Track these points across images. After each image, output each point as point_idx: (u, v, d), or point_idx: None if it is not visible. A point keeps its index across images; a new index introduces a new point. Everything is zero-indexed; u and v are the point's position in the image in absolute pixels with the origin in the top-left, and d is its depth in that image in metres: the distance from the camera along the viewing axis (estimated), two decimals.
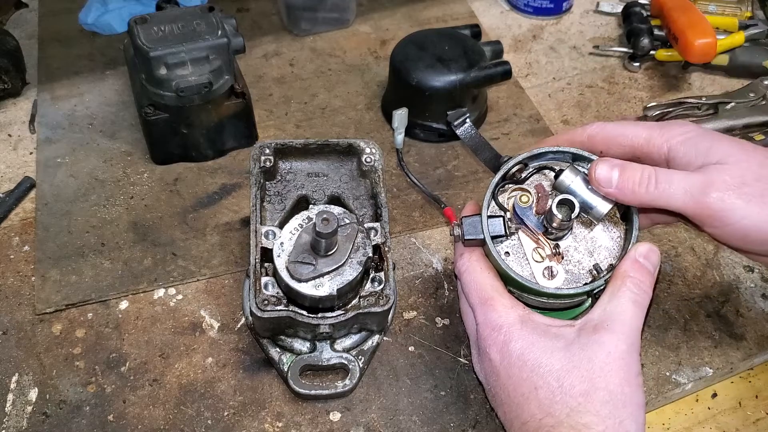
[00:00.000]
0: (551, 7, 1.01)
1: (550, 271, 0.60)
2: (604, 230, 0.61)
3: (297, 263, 0.59)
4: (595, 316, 0.55)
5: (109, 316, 0.68)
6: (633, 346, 0.53)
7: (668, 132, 0.58)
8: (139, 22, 0.74)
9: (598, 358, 0.52)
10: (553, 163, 0.62)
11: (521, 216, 0.61)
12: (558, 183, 0.59)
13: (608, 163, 0.56)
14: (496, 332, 0.55)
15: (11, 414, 0.61)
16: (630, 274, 0.55)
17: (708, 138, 0.56)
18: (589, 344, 0.53)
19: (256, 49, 0.95)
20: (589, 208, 0.58)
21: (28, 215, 0.76)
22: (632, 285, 0.55)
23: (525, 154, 0.61)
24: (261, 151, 0.67)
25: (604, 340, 0.52)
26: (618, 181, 0.56)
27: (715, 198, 0.53)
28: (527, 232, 0.61)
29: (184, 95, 0.73)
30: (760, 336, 0.68)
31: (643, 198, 0.55)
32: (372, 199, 0.68)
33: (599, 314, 0.54)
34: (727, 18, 0.95)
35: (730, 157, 0.55)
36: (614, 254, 0.61)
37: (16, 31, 0.93)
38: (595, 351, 0.52)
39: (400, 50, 0.83)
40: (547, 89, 0.93)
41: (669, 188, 0.54)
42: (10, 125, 0.85)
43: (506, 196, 0.62)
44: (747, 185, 0.53)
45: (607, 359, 0.52)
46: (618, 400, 0.51)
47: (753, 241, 0.55)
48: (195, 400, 0.63)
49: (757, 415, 0.66)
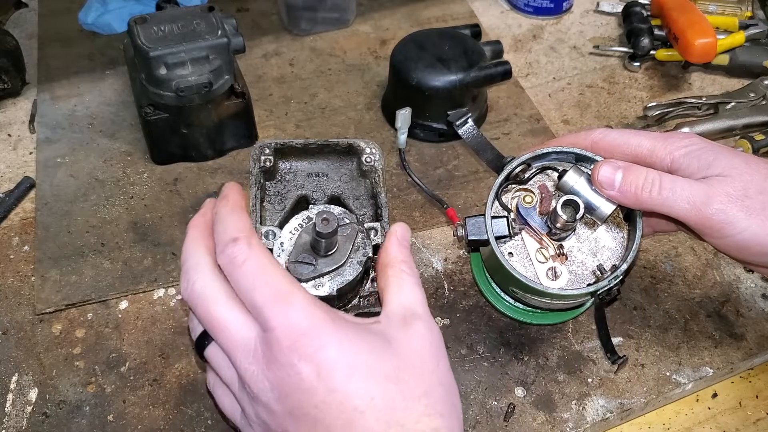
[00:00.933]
0: (551, 6, 1.01)
1: (553, 272, 0.60)
2: (607, 231, 0.61)
3: (297, 263, 0.59)
4: (395, 309, 0.49)
5: (109, 316, 0.68)
6: (440, 331, 0.49)
7: (672, 143, 0.58)
8: (138, 22, 0.74)
9: (423, 351, 0.47)
10: (556, 164, 0.62)
11: (525, 216, 0.60)
12: (561, 183, 0.59)
13: (612, 164, 0.56)
14: (306, 337, 0.44)
15: (11, 414, 0.61)
16: (401, 258, 0.52)
17: (711, 150, 0.56)
18: (407, 338, 0.47)
19: (256, 49, 0.95)
20: (592, 209, 0.58)
21: (28, 215, 0.76)
22: (407, 268, 0.52)
23: (528, 155, 0.61)
24: (261, 151, 0.67)
25: (421, 332, 0.48)
26: (621, 183, 0.55)
27: (717, 209, 0.53)
28: (531, 233, 0.61)
29: (184, 95, 0.73)
30: (760, 336, 0.68)
31: (646, 203, 0.55)
32: (372, 199, 0.68)
33: (398, 306, 0.49)
34: (727, 18, 0.95)
35: (733, 170, 0.55)
36: (617, 255, 0.60)
37: (16, 31, 0.93)
38: (417, 344, 0.47)
39: (400, 50, 0.83)
40: (547, 89, 0.93)
41: (672, 196, 0.54)
42: (10, 125, 0.85)
43: (509, 197, 0.62)
44: (749, 198, 0.54)
45: (432, 350, 0.47)
46: (451, 393, 0.47)
47: (753, 253, 0.56)
48: (195, 400, 0.63)
49: (757, 415, 0.66)
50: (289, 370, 0.44)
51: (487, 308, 0.69)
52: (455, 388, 0.48)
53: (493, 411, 0.63)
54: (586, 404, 0.63)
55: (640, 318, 0.69)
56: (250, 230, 0.48)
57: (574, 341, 0.67)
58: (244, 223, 0.48)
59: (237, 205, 0.50)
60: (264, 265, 0.46)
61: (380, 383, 0.44)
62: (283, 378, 0.44)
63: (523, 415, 0.62)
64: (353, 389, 0.44)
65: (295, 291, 0.45)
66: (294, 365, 0.44)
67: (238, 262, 0.46)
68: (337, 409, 0.44)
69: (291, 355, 0.44)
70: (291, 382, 0.44)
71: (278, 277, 0.46)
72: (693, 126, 0.83)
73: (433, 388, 0.46)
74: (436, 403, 0.46)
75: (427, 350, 0.47)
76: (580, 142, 0.61)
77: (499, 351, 0.66)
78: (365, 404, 0.44)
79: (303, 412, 0.44)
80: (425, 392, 0.45)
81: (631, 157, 0.59)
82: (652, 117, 0.86)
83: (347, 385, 0.44)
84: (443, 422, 0.45)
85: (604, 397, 0.64)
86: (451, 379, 0.48)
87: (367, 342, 0.46)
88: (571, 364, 0.66)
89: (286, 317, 0.44)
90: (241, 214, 0.49)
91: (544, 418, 0.62)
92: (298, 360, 0.44)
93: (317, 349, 0.44)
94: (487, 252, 0.62)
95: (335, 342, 0.44)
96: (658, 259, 0.74)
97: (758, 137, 0.81)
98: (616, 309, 0.69)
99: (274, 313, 0.44)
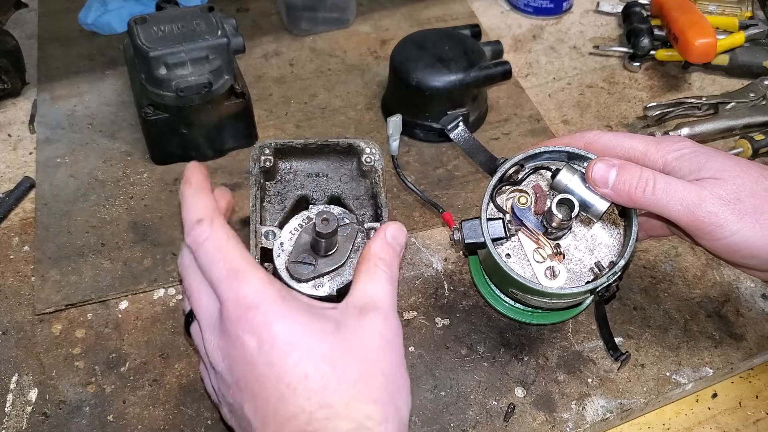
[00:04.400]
0: (551, 7, 1.01)
1: (552, 271, 0.60)
2: (604, 228, 0.62)
3: (297, 263, 0.59)
4: (357, 298, 0.50)
5: (109, 316, 0.68)
6: (399, 328, 0.50)
7: (665, 147, 0.58)
8: (138, 22, 0.74)
9: (371, 341, 0.48)
10: (549, 163, 0.62)
11: (520, 217, 0.61)
12: (555, 182, 0.59)
13: (606, 162, 0.56)
14: (253, 311, 0.46)
15: (11, 414, 0.61)
16: (381, 256, 0.53)
17: (703, 153, 0.57)
18: (359, 327, 0.48)
19: (256, 49, 0.95)
20: (587, 206, 0.58)
21: (28, 215, 0.76)
22: (384, 265, 0.52)
23: (521, 155, 0.61)
24: (261, 151, 0.67)
25: (375, 323, 0.49)
26: (615, 181, 0.56)
27: (709, 212, 0.54)
28: (527, 233, 0.61)
29: (184, 95, 0.73)
30: (760, 336, 0.68)
31: (639, 202, 0.55)
32: (372, 199, 0.68)
33: (360, 296, 0.50)
34: (727, 18, 0.95)
35: (725, 172, 0.55)
36: (614, 251, 0.61)
37: (15, 31, 0.93)
38: (367, 334, 0.48)
39: (400, 50, 0.83)
40: (547, 89, 0.93)
41: (665, 196, 0.54)
42: (10, 125, 0.85)
43: (504, 198, 0.62)
44: (741, 201, 0.54)
45: (380, 342, 0.48)
46: (393, 384, 0.48)
47: (744, 256, 0.56)
48: (195, 400, 0.63)
49: (757, 415, 0.66)
50: (235, 341, 0.46)
51: (486, 308, 0.69)
52: (403, 381, 0.49)
53: (493, 411, 0.63)
54: (586, 404, 0.63)
55: (640, 318, 0.69)
56: (213, 211, 0.50)
57: (574, 341, 0.67)
58: (206, 204, 0.51)
59: (200, 187, 0.52)
60: (222, 244, 0.48)
61: (316, 363, 0.46)
62: (230, 348, 0.47)
63: (523, 415, 0.62)
64: (289, 365, 0.45)
65: (249, 269, 0.47)
66: (239, 336, 0.46)
67: (199, 240, 0.49)
68: (273, 384, 0.45)
69: (238, 327, 0.46)
70: (236, 353, 0.46)
71: (235, 255, 0.48)
72: (693, 126, 0.83)
73: (371, 376, 0.47)
74: (372, 389, 0.46)
75: (376, 341, 0.48)
76: (575, 143, 0.61)
77: (499, 351, 0.66)
78: (298, 382, 0.45)
79: (245, 383, 0.46)
80: (361, 377, 0.46)
81: (624, 159, 0.59)
82: (652, 117, 0.86)
83: (284, 361, 0.45)
84: (376, 408, 0.46)
85: (604, 397, 0.64)
86: (397, 372, 0.49)
87: (311, 323, 0.47)
88: (571, 364, 0.66)
89: (236, 292, 0.46)
90: (204, 195, 0.51)
91: (544, 418, 0.62)
92: (243, 332, 0.46)
93: (262, 323, 0.46)
94: (484, 254, 0.62)
95: (279, 318, 0.46)
96: (658, 259, 0.74)
97: (758, 137, 0.81)
98: (616, 309, 0.69)
99: (227, 287, 0.47)
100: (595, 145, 0.60)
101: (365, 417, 0.45)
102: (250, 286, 0.47)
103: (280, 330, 0.46)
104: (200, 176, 0.53)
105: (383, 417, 0.46)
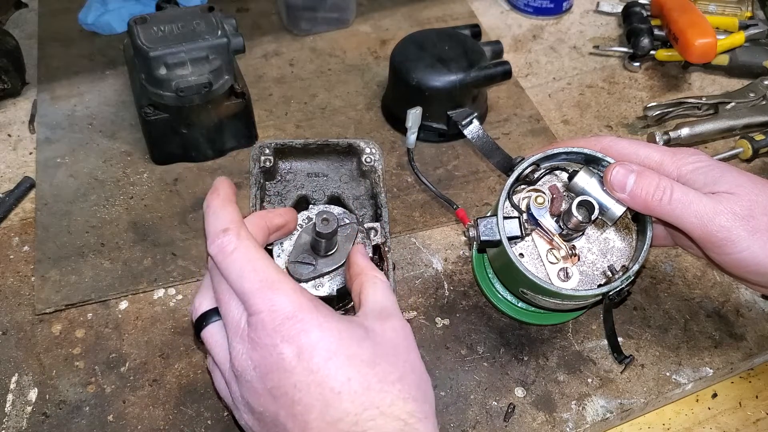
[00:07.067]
0: (551, 7, 1.01)
1: (565, 273, 0.60)
2: (617, 231, 0.61)
3: (297, 263, 0.59)
4: (371, 307, 0.52)
5: (109, 316, 0.68)
6: (410, 328, 0.52)
7: (681, 159, 0.58)
8: (138, 22, 0.74)
9: (399, 343, 0.50)
10: (565, 164, 0.62)
11: (537, 217, 0.60)
12: (572, 184, 0.59)
13: (626, 167, 0.56)
14: (290, 320, 0.47)
15: (11, 414, 0.61)
16: (371, 267, 0.57)
17: (718, 168, 0.57)
18: (384, 331, 0.50)
19: (256, 49, 0.95)
20: (603, 210, 0.58)
21: (28, 215, 0.76)
22: (379, 275, 0.56)
23: (539, 155, 0.60)
24: (261, 151, 0.67)
25: (396, 327, 0.51)
26: (632, 187, 0.56)
27: (722, 227, 0.54)
28: (542, 233, 0.60)
29: (184, 95, 0.73)
30: (760, 336, 0.68)
31: (655, 210, 0.55)
32: (372, 199, 0.68)
33: (374, 305, 0.53)
34: (727, 18, 0.95)
35: (740, 188, 0.55)
36: (626, 255, 0.60)
37: (15, 31, 0.93)
38: (393, 335, 0.50)
39: (400, 50, 0.83)
40: (547, 89, 0.93)
41: (681, 207, 0.54)
42: (10, 125, 0.85)
43: (519, 197, 0.62)
44: (754, 218, 0.54)
45: (405, 342, 0.51)
46: (423, 381, 0.50)
47: (749, 272, 0.56)
48: (195, 400, 0.63)
49: (757, 415, 0.66)
50: (272, 350, 0.47)
51: (487, 308, 0.69)
52: (427, 377, 0.51)
53: (493, 411, 0.63)
54: (586, 404, 0.63)
55: (640, 318, 0.69)
56: (240, 222, 0.51)
57: (574, 341, 0.67)
58: (233, 215, 0.51)
59: (227, 199, 0.53)
60: (252, 255, 0.49)
61: (357, 367, 0.47)
62: (265, 357, 0.47)
63: (523, 415, 0.62)
64: (331, 371, 0.46)
65: (282, 279, 0.48)
66: (276, 345, 0.46)
67: (227, 251, 0.49)
68: (315, 390, 0.46)
69: (274, 336, 0.46)
70: (272, 361, 0.47)
71: (266, 267, 0.48)
72: (693, 126, 0.83)
73: (406, 374, 0.48)
74: (410, 388, 0.48)
75: (401, 341, 0.50)
76: (590, 147, 0.61)
77: (499, 351, 0.66)
78: (342, 386, 0.46)
79: (282, 392, 0.46)
80: (399, 377, 0.48)
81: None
82: (652, 117, 0.86)
83: (326, 367, 0.46)
84: (416, 406, 0.47)
85: (604, 398, 0.64)
86: (422, 370, 0.51)
87: (347, 329, 0.48)
88: (571, 364, 0.66)
89: (272, 302, 0.47)
90: (232, 207, 0.52)
91: (544, 418, 0.62)
92: (281, 341, 0.46)
93: (299, 331, 0.47)
94: (496, 253, 0.62)
95: (317, 326, 0.47)
96: (658, 259, 0.74)
97: (758, 137, 0.81)
98: (616, 309, 0.69)
99: (261, 298, 0.47)
100: (611, 150, 0.60)
101: (408, 415, 0.47)
102: (285, 297, 0.47)
103: (317, 337, 0.47)
104: (228, 189, 0.54)
105: (423, 414, 0.47)
